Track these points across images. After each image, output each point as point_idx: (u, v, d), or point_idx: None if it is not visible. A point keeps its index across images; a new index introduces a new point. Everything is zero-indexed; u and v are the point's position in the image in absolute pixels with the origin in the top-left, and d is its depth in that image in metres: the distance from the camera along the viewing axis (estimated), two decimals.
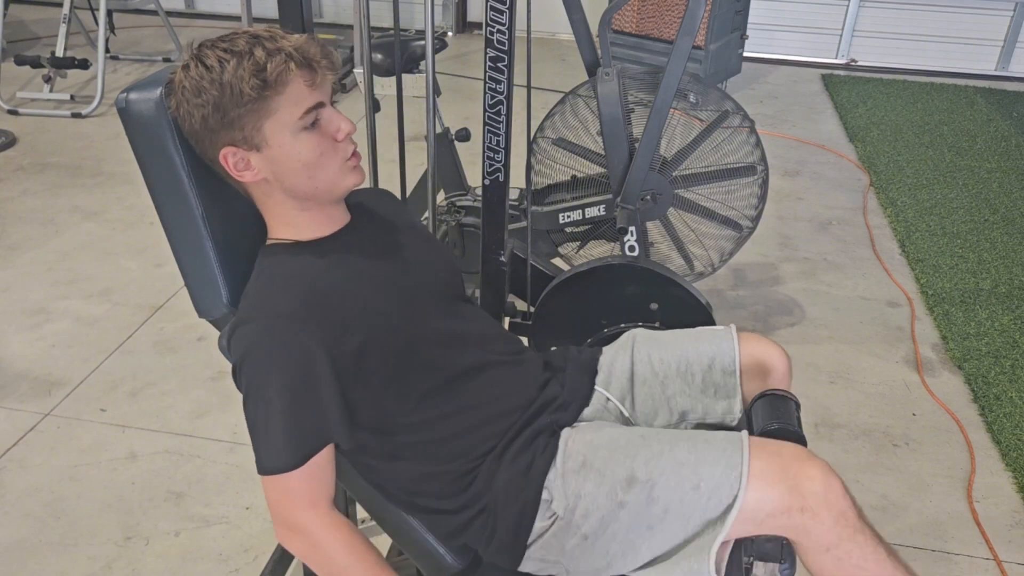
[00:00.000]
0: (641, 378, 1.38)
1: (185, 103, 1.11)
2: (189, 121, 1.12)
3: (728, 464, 1.11)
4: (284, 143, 1.13)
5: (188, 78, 1.11)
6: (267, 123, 1.11)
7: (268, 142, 1.12)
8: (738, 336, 1.39)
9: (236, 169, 1.14)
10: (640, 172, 2.25)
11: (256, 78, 1.08)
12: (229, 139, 1.12)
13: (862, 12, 5.32)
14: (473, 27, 5.93)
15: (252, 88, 1.08)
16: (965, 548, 1.96)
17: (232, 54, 1.09)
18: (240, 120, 1.10)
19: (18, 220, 3.25)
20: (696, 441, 1.16)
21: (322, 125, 1.15)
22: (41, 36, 5.29)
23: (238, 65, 1.08)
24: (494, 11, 1.64)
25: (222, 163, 1.14)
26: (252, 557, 1.86)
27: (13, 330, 2.62)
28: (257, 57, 1.08)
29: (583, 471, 1.17)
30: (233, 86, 1.08)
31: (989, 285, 2.98)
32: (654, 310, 1.90)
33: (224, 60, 1.09)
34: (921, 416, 2.37)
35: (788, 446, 1.14)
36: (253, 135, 1.12)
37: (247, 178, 1.16)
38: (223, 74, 1.08)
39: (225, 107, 1.09)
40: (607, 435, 1.21)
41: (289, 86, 1.10)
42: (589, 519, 1.15)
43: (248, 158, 1.14)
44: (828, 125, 4.47)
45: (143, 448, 2.17)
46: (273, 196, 1.19)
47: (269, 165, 1.14)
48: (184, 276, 1.24)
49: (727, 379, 1.36)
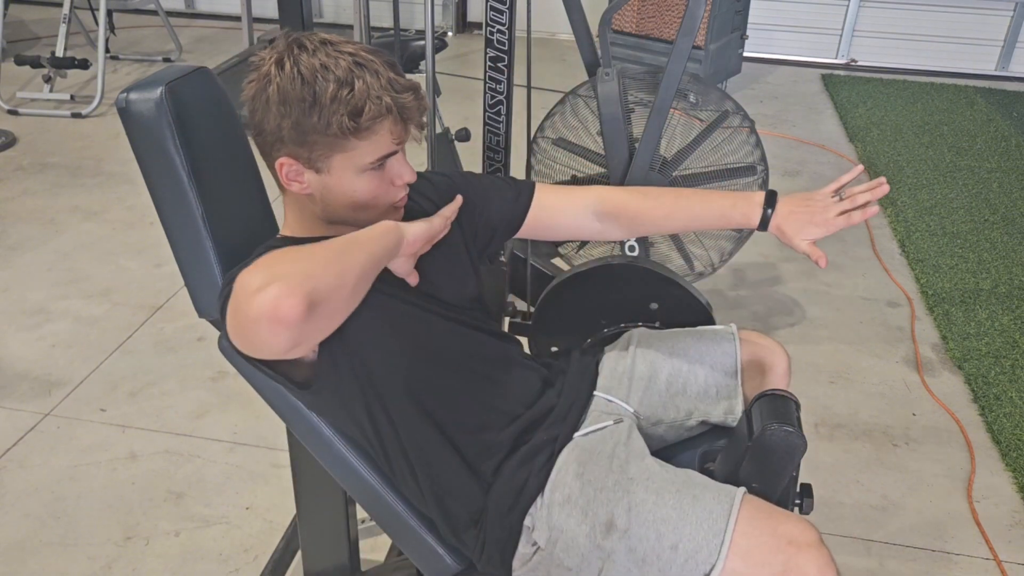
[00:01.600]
0: (642, 378, 1.38)
1: (264, 101, 1.07)
2: (262, 118, 1.08)
3: (711, 529, 1.07)
4: (345, 178, 1.09)
5: (280, 78, 1.05)
6: (338, 156, 1.08)
7: (331, 171, 1.09)
8: (739, 335, 1.39)
9: (287, 178, 1.11)
10: (640, 172, 2.25)
11: (350, 119, 1.03)
12: (294, 153, 1.08)
13: (862, 12, 5.32)
14: (473, 27, 5.93)
15: (339, 127, 1.04)
16: (965, 548, 1.96)
17: (332, 75, 1.03)
18: (314, 145, 1.07)
19: (18, 220, 3.25)
20: (684, 495, 1.12)
21: (386, 169, 1.12)
22: (41, 36, 5.29)
23: (336, 94, 1.03)
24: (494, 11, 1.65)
25: (276, 168, 1.11)
26: (252, 557, 1.86)
27: (13, 330, 2.62)
28: (357, 94, 1.03)
29: (567, 506, 1.15)
30: (323, 115, 1.04)
31: (989, 285, 2.98)
32: (654, 310, 1.90)
33: (322, 78, 1.03)
34: (921, 416, 2.37)
35: (790, 522, 1.09)
36: (319, 160, 1.08)
37: (294, 188, 1.13)
38: (316, 95, 1.03)
39: (306, 129, 1.05)
40: (598, 471, 1.18)
41: (377, 135, 1.07)
42: (570, 554, 1.13)
43: (304, 173, 1.11)
44: (828, 125, 4.47)
45: (143, 448, 2.17)
46: (308, 207, 1.16)
47: (321, 187, 1.11)
48: (184, 276, 1.24)
49: (728, 379, 1.36)
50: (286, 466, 1.69)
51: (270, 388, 1.21)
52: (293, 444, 1.47)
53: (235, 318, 0.95)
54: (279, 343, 0.92)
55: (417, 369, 1.19)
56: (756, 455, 1.17)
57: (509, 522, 1.17)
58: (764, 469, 1.17)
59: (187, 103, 1.16)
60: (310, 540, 1.61)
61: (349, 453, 1.23)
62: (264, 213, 1.33)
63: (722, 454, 1.29)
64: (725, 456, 1.27)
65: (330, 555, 1.59)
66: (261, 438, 2.20)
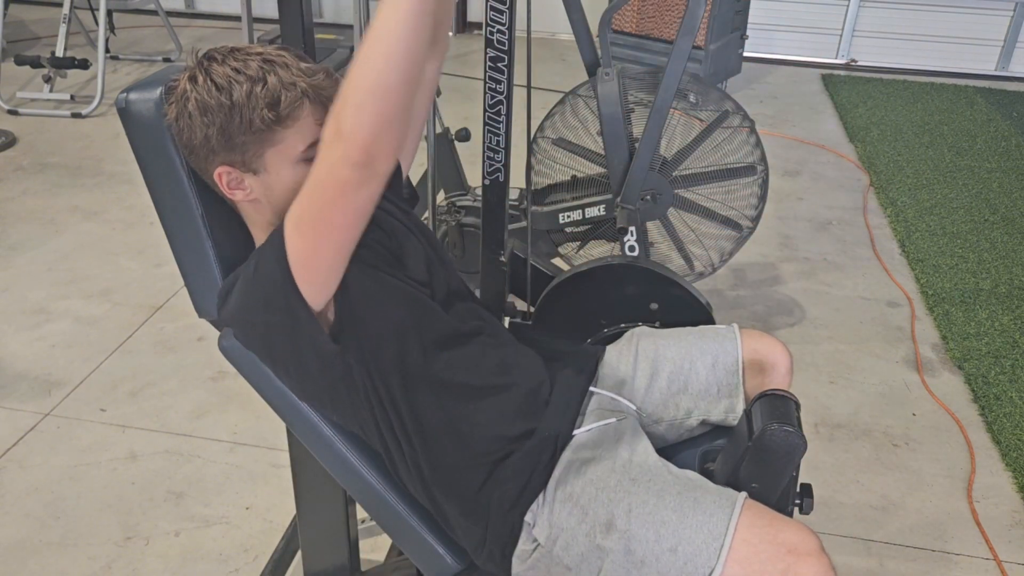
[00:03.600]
0: (644, 376, 1.38)
1: (187, 117, 1.09)
2: (188, 135, 1.11)
3: (711, 533, 1.07)
4: (283, 172, 1.12)
5: (195, 92, 1.08)
6: (269, 152, 1.10)
7: (267, 169, 1.12)
8: (741, 334, 1.39)
9: (229, 187, 1.14)
10: (640, 172, 2.25)
11: (269, 110, 1.07)
12: (227, 160, 1.11)
13: (862, 12, 5.32)
14: (473, 27, 5.93)
15: (263, 120, 1.07)
16: (965, 548, 1.96)
17: (245, 76, 1.07)
18: (244, 146, 1.09)
19: (18, 220, 3.25)
20: (685, 498, 1.12)
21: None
22: (41, 36, 5.29)
23: (251, 92, 1.06)
24: (494, 11, 1.65)
25: (216, 180, 1.13)
26: (252, 557, 1.86)
27: (13, 330, 2.62)
28: (271, 87, 1.07)
29: (568, 504, 1.15)
30: (244, 114, 1.07)
31: (989, 285, 2.98)
32: (654, 310, 1.90)
33: (235, 81, 1.07)
34: (921, 416, 2.37)
35: (792, 529, 1.09)
36: (253, 160, 1.11)
37: (238, 197, 1.15)
38: (233, 97, 1.07)
39: (231, 132, 1.08)
40: (600, 470, 1.19)
41: (300, 121, 1.09)
42: (570, 553, 1.13)
43: (243, 179, 1.13)
44: (828, 125, 4.47)
45: (143, 448, 2.17)
46: (263, 213, 1.18)
47: (263, 189, 1.14)
48: (184, 276, 1.24)
49: (730, 378, 1.36)
50: (286, 466, 1.69)
51: (270, 388, 1.21)
52: (293, 444, 1.47)
53: (343, 172, 0.94)
54: (389, 145, 0.94)
55: (430, 351, 1.20)
56: (756, 455, 1.17)
57: (511, 518, 1.17)
58: (764, 469, 1.17)
59: None
60: (310, 540, 1.61)
61: (349, 453, 1.23)
62: None
63: (722, 454, 1.29)
64: (725, 456, 1.27)
65: (330, 555, 1.59)
66: (261, 438, 2.20)
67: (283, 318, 1.09)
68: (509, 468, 1.20)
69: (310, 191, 1.00)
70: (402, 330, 1.18)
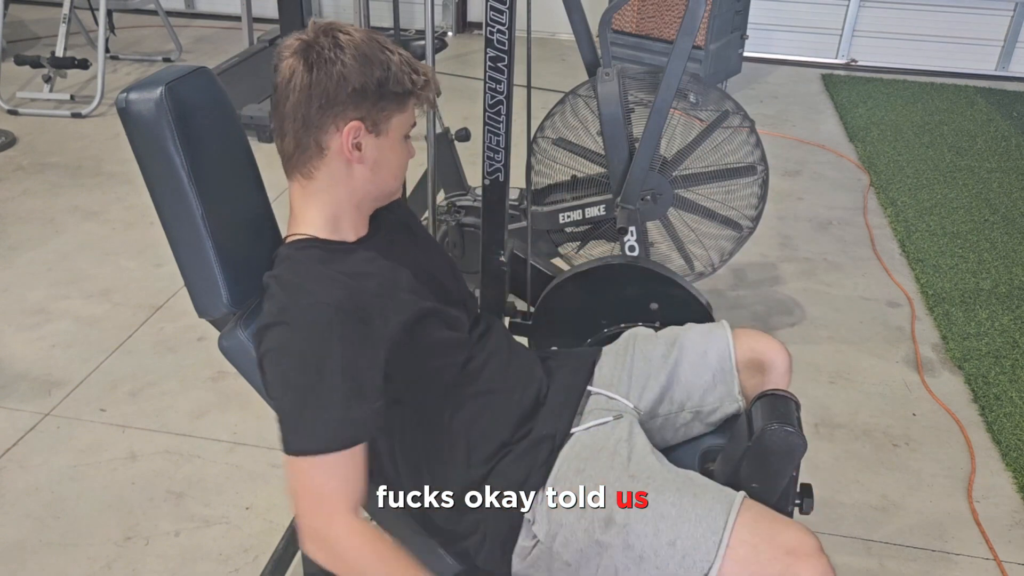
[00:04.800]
0: (641, 375, 1.39)
1: (340, 65, 1.12)
2: (337, 83, 1.13)
3: (709, 528, 1.07)
4: (396, 143, 1.21)
5: (353, 43, 1.13)
6: (396, 118, 1.19)
7: (388, 133, 1.18)
8: (736, 331, 1.41)
9: (350, 146, 1.16)
10: (640, 172, 2.25)
11: (414, 78, 1.16)
12: (365, 115, 1.15)
13: (862, 12, 5.32)
14: (473, 27, 5.93)
15: (410, 83, 1.16)
16: (965, 548, 1.96)
17: (381, 46, 1.16)
18: (387, 101, 1.15)
19: (18, 220, 3.25)
20: (684, 494, 1.12)
21: (408, 143, 1.25)
22: (41, 36, 5.28)
23: (402, 62, 1.16)
24: (494, 11, 1.64)
25: (342, 134, 1.15)
26: (252, 557, 1.86)
27: (13, 330, 2.62)
28: (413, 66, 1.17)
29: (567, 500, 1.16)
30: (399, 73, 1.15)
31: (989, 285, 2.98)
32: (654, 310, 1.90)
33: (389, 50, 1.16)
34: (921, 416, 2.37)
35: (791, 530, 1.09)
36: (382, 121, 1.17)
37: (352, 159, 1.18)
38: (391, 60, 1.15)
39: (386, 84, 1.14)
40: (599, 466, 1.19)
41: (417, 102, 1.20)
42: (569, 548, 1.14)
43: (365, 140, 1.17)
44: (828, 125, 4.47)
45: (143, 448, 2.17)
46: (337, 187, 1.20)
47: (376, 154, 1.19)
48: (184, 276, 1.24)
49: (723, 364, 1.37)
50: None
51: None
52: None
53: (292, 483, 1.08)
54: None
55: (434, 385, 1.23)
56: (756, 455, 1.17)
57: (510, 516, 1.18)
58: (764, 469, 1.17)
59: (187, 103, 1.16)
60: None
61: None
62: (264, 213, 1.33)
63: (722, 454, 1.29)
64: (725, 456, 1.27)
65: None
66: (261, 438, 2.20)
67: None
68: (507, 467, 1.21)
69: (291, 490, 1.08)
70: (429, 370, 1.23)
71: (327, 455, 1.05)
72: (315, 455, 1.05)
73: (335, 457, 1.05)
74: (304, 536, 1.07)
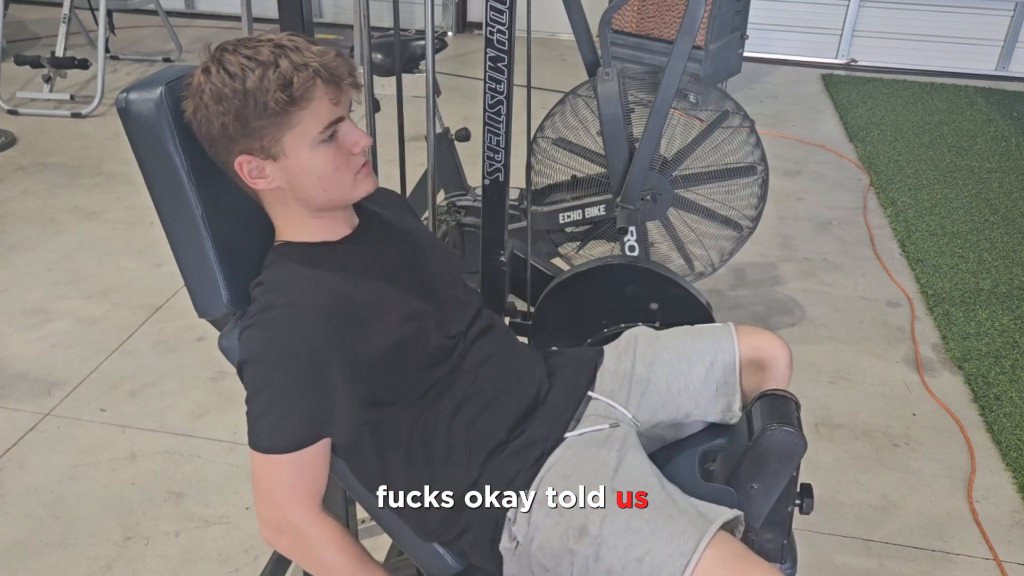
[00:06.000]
0: (642, 379, 1.38)
1: (204, 108, 1.10)
2: (207, 127, 1.11)
3: (679, 549, 1.05)
4: (302, 156, 1.13)
5: (209, 83, 1.09)
6: (287, 135, 1.11)
7: (286, 154, 1.12)
8: (738, 332, 1.39)
9: (251, 177, 1.14)
10: (640, 172, 2.25)
11: (282, 92, 1.07)
12: (247, 148, 1.12)
13: (862, 12, 5.32)
14: (473, 27, 5.93)
15: (277, 102, 1.07)
16: (965, 548, 1.96)
17: (257, 63, 1.08)
18: (261, 131, 1.10)
19: (18, 220, 3.25)
20: (661, 512, 1.11)
21: (339, 138, 1.15)
22: (41, 36, 5.29)
23: (263, 76, 1.07)
24: (494, 11, 1.64)
25: (236, 170, 1.14)
26: (252, 557, 1.86)
27: (13, 330, 2.62)
28: (283, 70, 1.07)
29: (545, 505, 1.15)
30: (258, 98, 1.07)
31: (989, 285, 2.98)
32: (654, 310, 1.90)
33: (248, 68, 1.08)
34: (921, 416, 2.37)
35: (759, 569, 1.06)
36: (271, 146, 1.12)
37: (261, 186, 1.16)
38: (247, 83, 1.07)
39: (247, 117, 1.09)
40: (583, 475, 1.18)
41: (314, 102, 1.10)
42: (544, 553, 1.13)
43: (264, 167, 1.14)
44: (828, 125, 4.47)
45: (143, 448, 2.17)
46: (286, 203, 1.19)
47: (284, 175, 1.15)
48: (184, 276, 1.24)
49: (728, 376, 1.36)
50: None
51: None
52: None
53: (253, 471, 1.12)
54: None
55: (424, 383, 1.22)
56: (756, 455, 1.17)
57: (495, 515, 1.18)
58: (764, 469, 1.17)
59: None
60: None
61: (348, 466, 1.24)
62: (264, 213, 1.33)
63: (722, 454, 1.29)
64: (725, 456, 1.27)
65: None
66: None
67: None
68: (500, 465, 1.21)
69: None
70: (415, 377, 1.22)
71: (290, 453, 1.09)
72: (278, 453, 1.09)
73: (298, 454, 1.10)
74: (263, 525, 1.12)
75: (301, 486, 1.10)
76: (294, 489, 1.10)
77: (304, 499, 1.11)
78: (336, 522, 1.14)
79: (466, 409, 1.23)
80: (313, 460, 1.11)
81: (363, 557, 1.15)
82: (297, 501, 1.10)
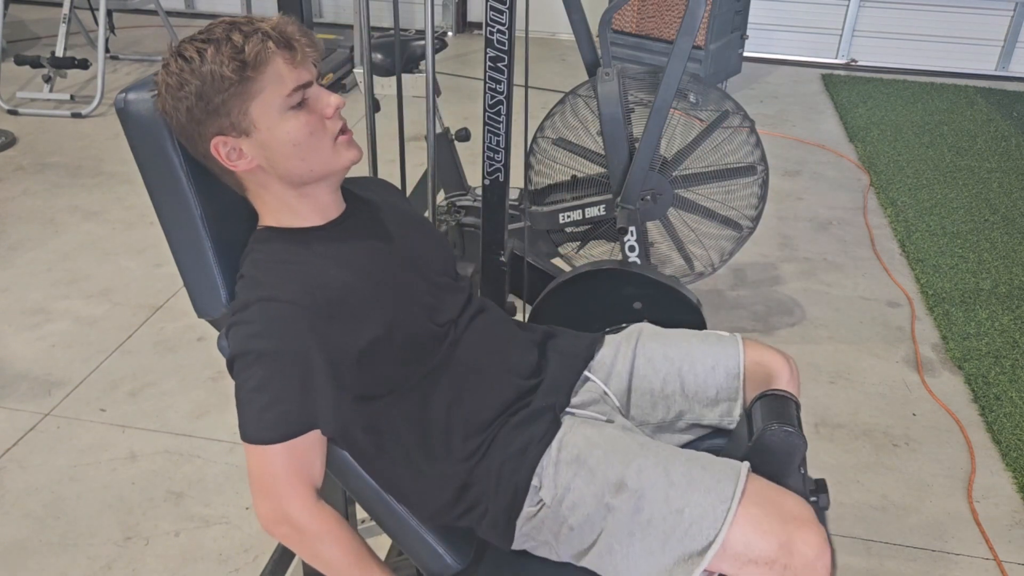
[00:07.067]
0: (641, 374, 1.37)
1: (169, 99, 1.11)
2: (176, 117, 1.12)
3: (718, 497, 1.09)
4: (272, 125, 1.12)
5: (169, 74, 1.10)
6: (253, 105, 1.11)
7: (256, 125, 1.12)
8: (745, 345, 1.39)
9: (229, 159, 1.14)
10: (640, 172, 2.25)
11: (235, 60, 1.07)
12: (217, 127, 1.11)
13: (862, 12, 5.32)
14: (473, 27, 5.93)
15: (232, 71, 1.07)
16: (965, 548, 1.96)
17: (209, 42, 1.09)
18: (225, 106, 1.10)
19: (18, 220, 3.25)
20: (694, 464, 1.14)
21: (310, 104, 1.14)
22: (41, 36, 5.29)
23: (216, 52, 1.08)
24: (494, 11, 1.65)
25: (214, 155, 1.13)
26: (252, 557, 1.86)
27: (13, 330, 2.62)
28: (235, 41, 1.08)
29: (575, 465, 1.17)
30: (213, 72, 1.08)
31: (989, 285, 2.98)
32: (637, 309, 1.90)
33: (202, 50, 1.09)
34: (921, 416, 2.37)
35: (792, 500, 1.12)
36: (240, 120, 1.11)
37: (241, 167, 1.15)
38: (203, 63, 1.08)
39: (208, 95, 1.09)
40: (607, 435, 1.21)
41: (270, 65, 1.09)
42: (575, 512, 1.15)
43: (239, 146, 1.13)
44: (828, 125, 4.47)
45: (143, 448, 2.17)
46: (269, 185, 1.18)
47: (261, 151, 1.14)
48: (183, 276, 1.24)
49: (730, 382, 1.35)
50: None
51: None
52: None
53: (247, 463, 1.13)
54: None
55: (417, 368, 1.22)
56: (756, 455, 1.17)
57: (515, 483, 1.18)
58: (764, 469, 1.17)
59: None
60: None
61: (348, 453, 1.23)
62: None
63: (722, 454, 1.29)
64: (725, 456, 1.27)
65: None
66: None
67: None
68: (507, 438, 1.21)
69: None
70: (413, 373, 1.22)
71: (279, 444, 1.09)
72: (266, 444, 1.09)
73: (288, 445, 1.09)
74: (260, 516, 1.12)
75: (294, 477, 1.10)
76: (288, 480, 1.10)
77: (298, 489, 1.10)
78: (334, 514, 1.13)
79: (462, 395, 1.23)
80: (304, 451, 1.11)
81: (361, 550, 1.15)
82: (292, 491, 1.10)
